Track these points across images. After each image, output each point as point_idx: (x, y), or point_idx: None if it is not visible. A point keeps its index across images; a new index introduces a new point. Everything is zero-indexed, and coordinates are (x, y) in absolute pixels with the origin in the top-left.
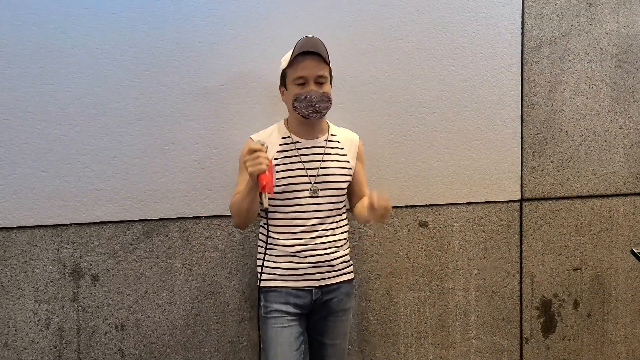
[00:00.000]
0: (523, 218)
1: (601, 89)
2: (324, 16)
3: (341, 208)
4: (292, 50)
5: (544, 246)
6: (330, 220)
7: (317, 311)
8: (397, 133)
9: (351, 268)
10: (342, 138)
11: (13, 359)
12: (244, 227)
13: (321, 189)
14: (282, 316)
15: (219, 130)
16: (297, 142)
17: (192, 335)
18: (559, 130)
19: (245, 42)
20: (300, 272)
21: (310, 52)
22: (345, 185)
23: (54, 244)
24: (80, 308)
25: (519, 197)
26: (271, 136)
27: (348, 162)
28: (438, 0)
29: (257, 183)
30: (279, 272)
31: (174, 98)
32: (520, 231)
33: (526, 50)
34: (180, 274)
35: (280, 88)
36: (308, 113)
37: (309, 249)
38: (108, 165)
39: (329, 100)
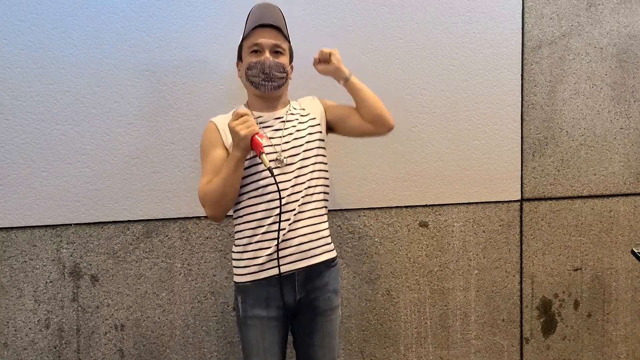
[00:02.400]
0: (523, 218)
1: (601, 89)
2: (324, 16)
3: (314, 177)
4: (246, 21)
5: (544, 246)
6: (302, 189)
7: (302, 312)
8: (397, 133)
9: (332, 245)
10: (302, 103)
11: (13, 359)
12: (222, 217)
13: (288, 156)
14: (262, 322)
15: None
16: (259, 116)
17: (192, 335)
18: (559, 130)
19: None
20: (280, 255)
21: (268, 25)
22: (314, 146)
23: (53, 244)
24: (79, 308)
25: (519, 197)
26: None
27: (314, 118)
28: (438, 0)
29: (248, 149)
30: (257, 261)
31: (174, 98)
32: (521, 231)
33: (526, 50)
34: (180, 274)
35: (237, 64)
36: (260, 81)
37: (284, 228)
38: (108, 165)
39: (284, 71)
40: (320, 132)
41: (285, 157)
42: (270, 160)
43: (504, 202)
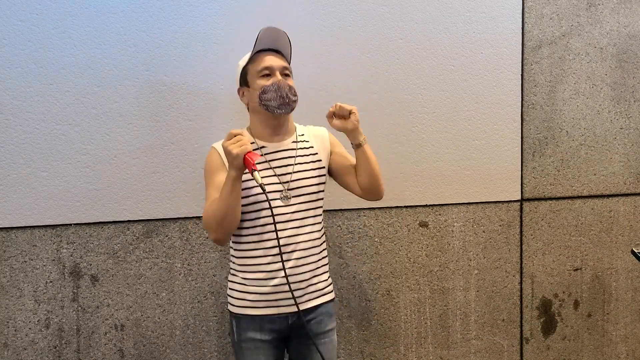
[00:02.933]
0: (523, 218)
1: (601, 89)
2: (324, 16)
3: (318, 223)
4: (253, 46)
5: (544, 246)
6: (306, 231)
7: (296, 335)
8: (397, 133)
9: (331, 287)
10: (310, 136)
11: (13, 359)
12: (226, 240)
13: (294, 195)
14: (256, 345)
15: (218, 130)
16: (264, 146)
17: (192, 335)
18: (559, 130)
19: (246, 42)
20: (274, 298)
21: (273, 49)
22: (318, 189)
23: (53, 244)
24: (79, 308)
25: (519, 197)
26: None
27: (320, 160)
28: (438, 0)
29: (242, 167)
30: (251, 297)
31: (174, 98)
32: (521, 231)
33: (526, 50)
34: (180, 274)
35: (239, 90)
36: (278, 105)
37: (281, 268)
38: (108, 165)
39: (296, 94)
40: (324, 175)
41: (290, 196)
42: (276, 199)
43: (504, 202)
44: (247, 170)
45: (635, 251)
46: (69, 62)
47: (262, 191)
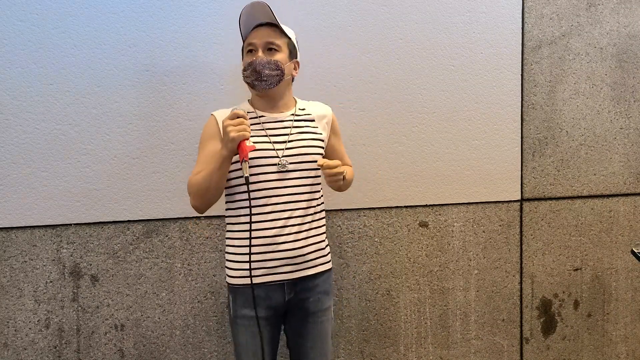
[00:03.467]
0: (523, 218)
1: (601, 89)
2: (324, 16)
3: (317, 191)
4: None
5: (544, 246)
6: (302, 200)
7: (292, 312)
8: (397, 133)
9: (328, 257)
10: (313, 111)
11: (13, 359)
12: (205, 209)
13: (290, 163)
14: (252, 322)
15: None
16: (262, 116)
17: (192, 335)
18: (559, 130)
19: None
20: (271, 265)
21: (263, 24)
22: (318, 157)
23: (53, 244)
24: (80, 308)
25: (519, 197)
26: None
27: (320, 134)
28: (438, 0)
29: (234, 151)
30: (246, 266)
31: (174, 98)
32: (521, 231)
33: (526, 50)
34: (180, 274)
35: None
36: (252, 80)
37: (279, 234)
38: (108, 165)
39: (278, 68)
40: (323, 147)
41: (287, 163)
42: (272, 165)
43: (504, 202)
44: (237, 155)
45: (635, 251)
46: (69, 62)
47: (255, 156)
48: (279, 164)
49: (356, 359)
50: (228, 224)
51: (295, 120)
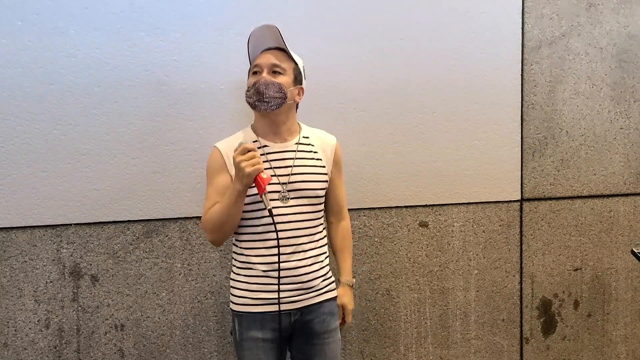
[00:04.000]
0: (523, 218)
1: (601, 89)
2: (324, 16)
3: (318, 219)
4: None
5: (544, 246)
6: (305, 232)
7: (298, 334)
8: (397, 133)
9: (333, 285)
10: (316, 141)
11: (13, 359)
12: (221, 242)
13: (293, 197)
14: (258, 344)
15: (219, 130)
16: (266, 145)
17: (192, 335)
18: (559, 130)
19: (246, 42)
20: (276, 296)
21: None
22: (320, 191)
23: (53, 244)
24: (80, 308)
25: (519, 197)
26: (237, 142)
27: (323, 167)
28: (438, 0)
29: (250, 185)
30: (252, 295)
31: (174, 98)
32: (521, 231)
33: (526, 50)
34: (180, 274)
35: None
36: (254, 101)
37: (284, 268)
38: (108, 165)
39: (281, 91)
40: (327, 181)
41: (289, 197)
42: (271, 191)
43: (503, 202)
44: (254, 186)
45: (635, 251)
46: (69, 62)
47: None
48: (280, 197)
49: (356, 359)
50: (234, 253)
51: (299, 151)
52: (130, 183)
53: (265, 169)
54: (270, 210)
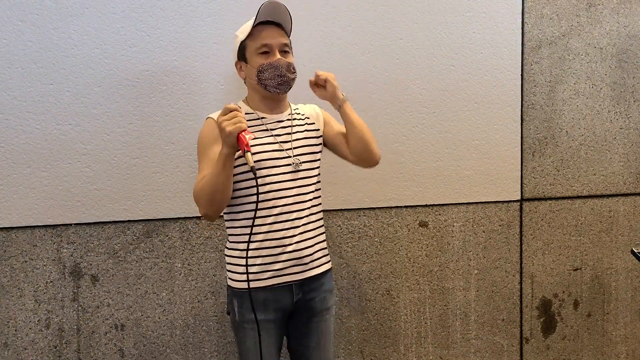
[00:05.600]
0: (523, 218)
1: (601, 89)
2: (324, 16)
3: (317, 184)
4: (252, 20)
5: (544, 246)
6: (308, 199)
7: (299, 312)
8: (397, 133)
9: (329, 257)
10: (305, 110)
11: (13, 359)
12: (215, 216)
13: (301, 162)
14: (260, 325)
15: None
16: (263, 117)
17: (192, 335)
18: (559, 130)
19: None
20: (279, 267)
21: (272, 22)
22: (317, 157)
23: (54, 244)
24: (80, 308)
25: (519, 197)
26: None
27: (318, 129)
28: (438, 0)
29: (235, 146)
30: (254, 269)
31: (174, 98)
32: (520, 231)
33: (526, 50)
34: (180, 274)
35: (237, 64)
36: (276, 84)
37: (287, 236)
38: (108, 165)
39: (295, 71)
40: (322, 144)
41: (300, 162)
42: (284, 165)
43: (503, 202)
44: (239, 149)
45: (635, 251)
46: (69, 62)
47: (268, 158)
48: (293, 164)
49: (356, 359)
50: (229, 227)
51: (294, 120)
52: (130, 183)
53: (268, 136)
54: (253, 169)
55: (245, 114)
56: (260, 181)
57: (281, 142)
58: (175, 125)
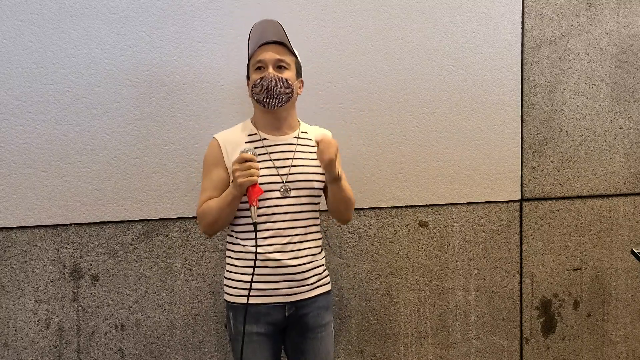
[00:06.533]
0: (523, 218)
1: (601, 89)
2: (324, 16)
3: (315, 214)
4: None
5: (544, 246)
6: (302, 225)
7: (292, 328)
8: (397, 133)
9: (327, 279)
10: (314, 135)
11: (13, 359)
12: (213, 235)
13: (293, 189)
14: (252, 338)
15: (219, 130)
16: (265, 139)
17: (192, 335)
18: (559, 130)
19: (246, 42)
20: (270, 287)
21: (271, 42)
22: (319, 185)
23: (54, 244)
24: (80, 308)
25: (519, 197)
26: (236, 135)
27: None
28: (438, 0)
29: (243, 193)
30: (247, 285)
31: (174, 98)
32: (520, 231)
33: (526, 50)
34: (180, 274)
35: (248, 84)
36: (263, 98)
37: (278, 258)
38: (108, 165)
39: (289, 86)
40: (324, 173)
41: (290, 189)
42: (275, 190)
43: (503, 202)
44: (246, 196)
45: (635, 251)
46: (69, 62)
47: (259, 182)
48: (281, 190)
49: (356, 359)
50: (228, 242)
51: (298, 145)
52: (130, 183)
53: (265, 160)
54: (255, 224)
55: (248, 135)
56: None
57: (278, 167)
58: (175, 125)
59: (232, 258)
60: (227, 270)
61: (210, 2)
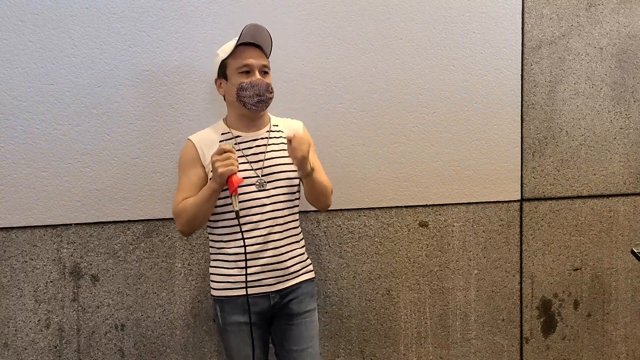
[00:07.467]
0: (523, 218)
1: (601, 89)
2: (323, 16)
3: (294, 205)
4: (234, 40)
5: (544, 246)
6: (280, 215)
7: (278, 316)
8: (397, 133)
9: (310, 267)
10: (285, 128)
11: (13, 359)
12: (190, 234)
13: (268, 182)
14: (241, 328)
15: None
16: (238, 136)
17: (192, 335)
18: (559, 130)
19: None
20: (254, 278)
21: (253, 44)
22: (294, 175)
23: (54, 244)
24: (80, 308)
25: (519, 197)
26: (210, 135)
27: None
28: (438, 0)
29: (224, 185)
30: (232, 279)
31: (174, 98)
32: (521, 231)
33: (526, 50)
34: (180, 274)
35: (216, 81)
36: (254, 102)
37: (259, 250)
38: (108, 165)
39: (272, 91)
40: None
41: (265, 182)
42: (251, 185)
43: (503, 202)
44: (226, 188)
45: (635, 251)
46: (69, 62)
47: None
48: (257, 183)
49: (356, 359)
50: (212, 241)
51: (270, 138)
52: (130, 183)
53: (239, 157)
54: (237, 212)
55: (221, 134)
56: (230, 200)
57: (252, 161)
58: (175, 125)
59: (215, 254)
60: (211, 266)
61: (210, 2)
